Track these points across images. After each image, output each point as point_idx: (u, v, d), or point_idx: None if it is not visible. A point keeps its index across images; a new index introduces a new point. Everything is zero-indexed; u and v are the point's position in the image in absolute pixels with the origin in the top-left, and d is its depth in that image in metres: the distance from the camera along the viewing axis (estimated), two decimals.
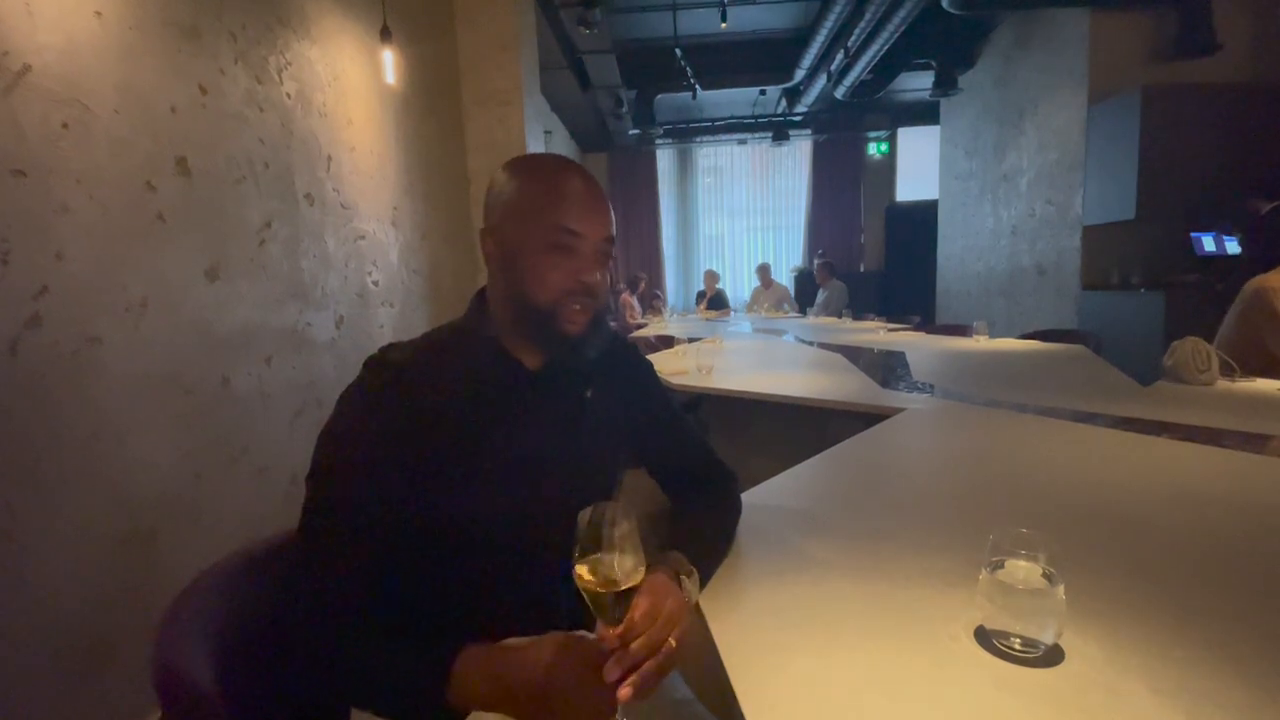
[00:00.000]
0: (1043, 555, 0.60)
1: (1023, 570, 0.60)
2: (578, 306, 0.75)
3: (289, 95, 2.26)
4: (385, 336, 2.87)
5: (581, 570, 0.57)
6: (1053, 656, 0.58)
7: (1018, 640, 0.58)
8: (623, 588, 0.57)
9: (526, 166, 0.78)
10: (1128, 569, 0.77)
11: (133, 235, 1.58)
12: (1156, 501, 1.00)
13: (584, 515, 0.57)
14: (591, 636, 0.57)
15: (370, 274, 2.82)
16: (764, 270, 7.28)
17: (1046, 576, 0.59)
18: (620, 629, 0.57)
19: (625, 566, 0.57)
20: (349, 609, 0.64)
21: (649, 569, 0.71)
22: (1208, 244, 4.16)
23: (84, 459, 1.43)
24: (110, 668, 1.44)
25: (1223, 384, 1.87)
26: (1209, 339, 1.96)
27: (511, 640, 0.65)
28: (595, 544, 0.57)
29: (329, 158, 2.50)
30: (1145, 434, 1.37)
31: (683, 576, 0.69)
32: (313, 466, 0.70)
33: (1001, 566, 0.61)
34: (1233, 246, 4.09)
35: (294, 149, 2.27)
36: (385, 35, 2.79)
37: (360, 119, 2.76)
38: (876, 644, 0.62)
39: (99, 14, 1.50)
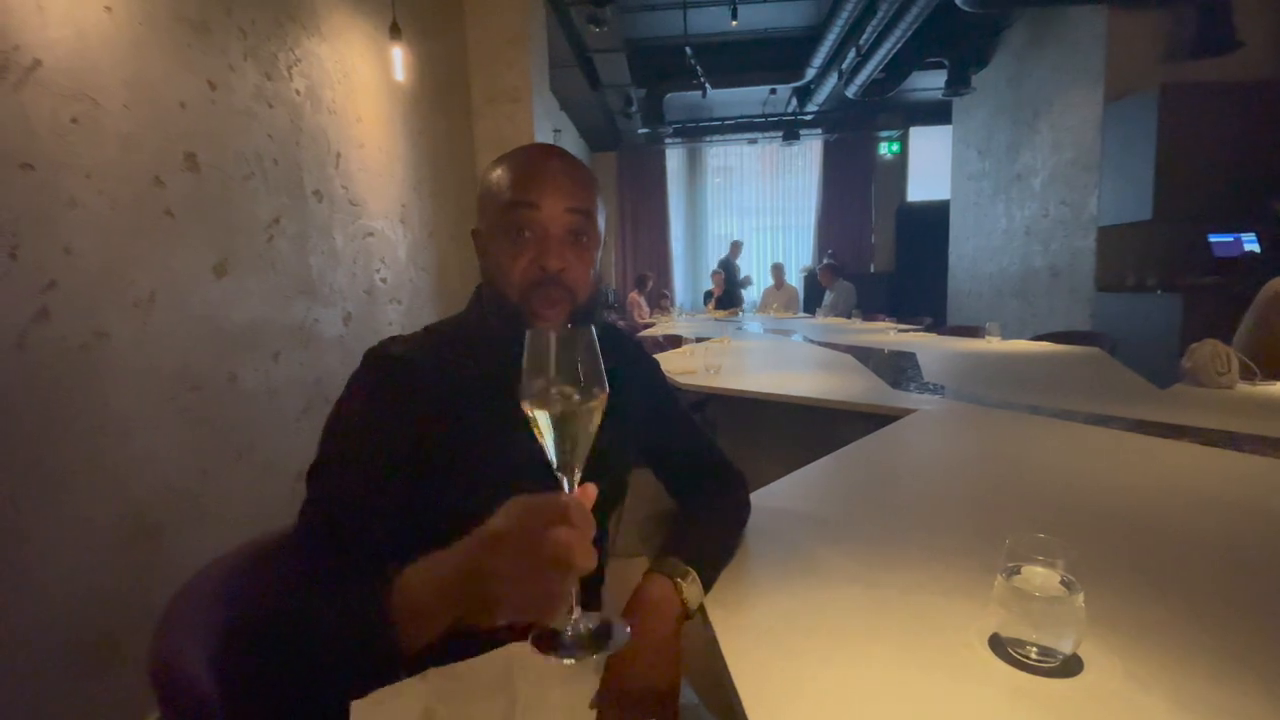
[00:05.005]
0: (1061, 561, 0.58)
1: (1040, 576, 0.58)
2: (548, 301, 0.72)
3: (298, 92, 2.26)
4: (393, 334, 2.87)
5: (529, 403, 0.50)
6: (1070, 666, 0.56)
7: (1034, 649, 0.56)
8: (580, 408, 0.50)
9: (499, 156, 0.77)
10: (1147, 576, 0.75)
11: (141, 230, 1.58)
12: (1177, 507, 0.97)
13: (535, 338, 0.50)
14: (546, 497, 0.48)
15: (378, 271, 2.83)
16: (778, 270, 7.24)
17: (1065, 583, 0.57)
18: (579, 491, 0.50)
19: (584, 387, 0.50)
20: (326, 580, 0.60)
21: (645, 575, 0.70)
22: (1226, 245, 4.09)
23: (90, 453, 1.43)
24: (115, 663, 1.44)
25: (1243, 387, 1.83)
26: (1227, 342, 1.92)
27: None
28: (545, 367, 0.50)
29: (338, 154, 2.50)
30: (1164, 438, 1.34)
31: (678, 580, 0.68)
32: (314, 460, 0.69)
33: (1018, 572, 0.59)
34: (1252, 248, 4.03)
35: (303, 145, 2.27)
36: (395, 32, 2.79)
37: (369, 116, 2.76)
38: (887, 650, 0.60)
39: (109, 9, 1.50)
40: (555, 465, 0.51)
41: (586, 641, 0.50)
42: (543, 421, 0.50)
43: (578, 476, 0.52)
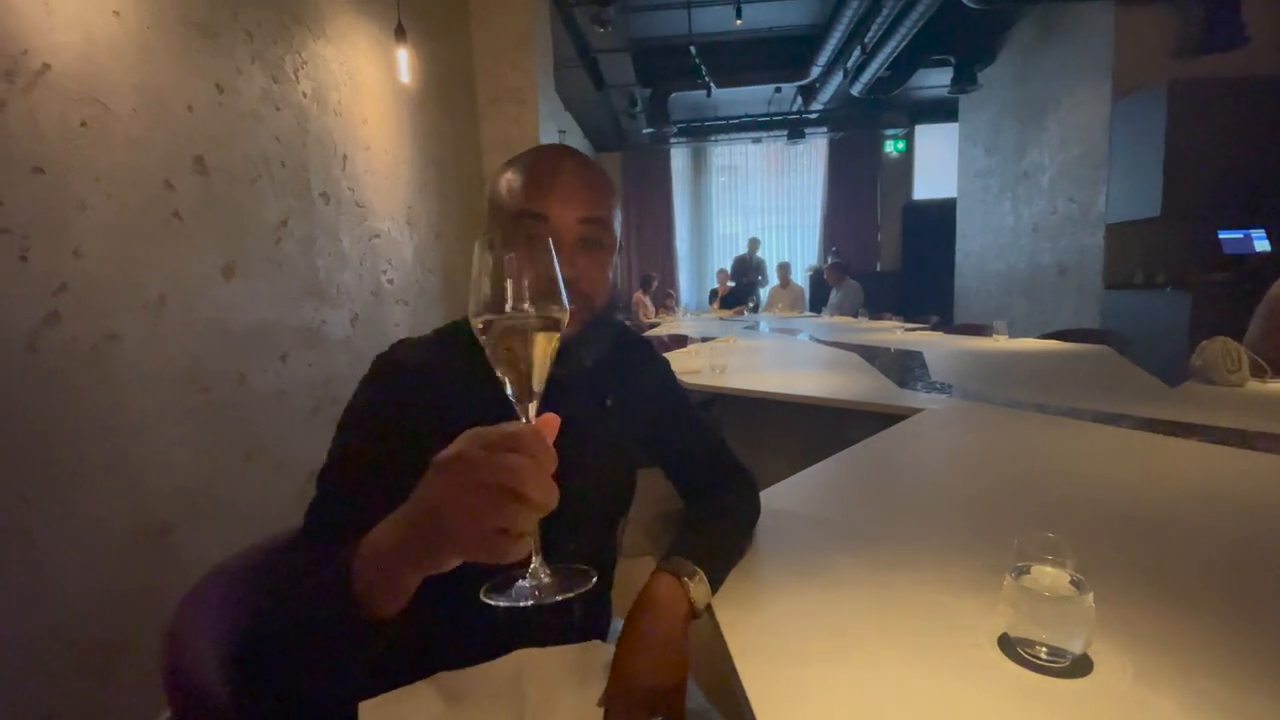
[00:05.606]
0: (1070, 561, 0.58)
1: (1049, 576, 0.58)
2: None
3: (305, 94, 2.27)
4: (400, 334, 2.87)
5: (478, 321, 0.44)
6: (1080, 667, 0.56)
7: (1044, 649, 0.56)
8: (538, 329, 0.44)
9: (509, 159, 0.75)
10: (1157, 576, 0.74)
11: (150, 233, 1.59)
12: (1187, 506, 0.97)
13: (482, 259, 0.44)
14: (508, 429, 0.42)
15: (385, 272, 2.84)
16: (784, 269, 7.24)
17: (1074, 583, 0.57)
18: (538, 421, 0.45)
19: (541, 306, 0.44)
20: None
21: (652, 574, 0.70)
22: (1236, 242, 4.06)
23: (100, 455, 1.44)
24: (124, 664, 1.45)
25: (1253, 385, 1.81)
26: (1238, 339, 1.90)
27: None
28: (499, 283, 0.44)
29: (344, 156, 2.51)
30: (1174, 436, 1.33)
31: (685, 579, 0.67)
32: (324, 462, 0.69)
33: (1027, 572, 0.59)
34: (1262, 245, 3.99)
35: (310, 148, 2.29)
36: (400, 34, 2.81)
37: (375, 118, 2.77)
38: (896, 651, 0.60)
39: (117, 13, 1.51)
40: (511, 395, 0.46)
41: (545, 587, 0.45)
42: (496, 345, 0.45)
43: (534, 409, 0.46)
